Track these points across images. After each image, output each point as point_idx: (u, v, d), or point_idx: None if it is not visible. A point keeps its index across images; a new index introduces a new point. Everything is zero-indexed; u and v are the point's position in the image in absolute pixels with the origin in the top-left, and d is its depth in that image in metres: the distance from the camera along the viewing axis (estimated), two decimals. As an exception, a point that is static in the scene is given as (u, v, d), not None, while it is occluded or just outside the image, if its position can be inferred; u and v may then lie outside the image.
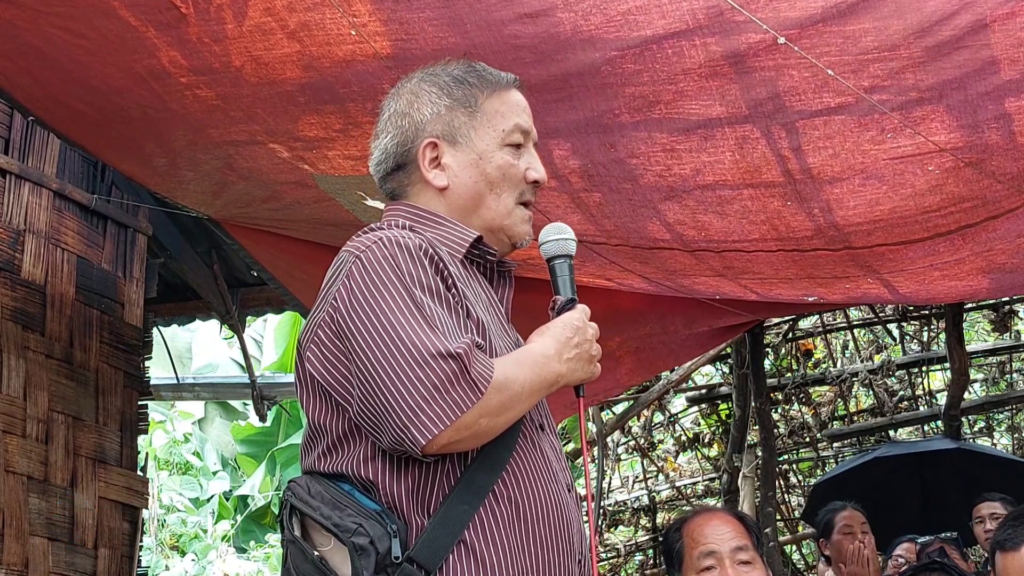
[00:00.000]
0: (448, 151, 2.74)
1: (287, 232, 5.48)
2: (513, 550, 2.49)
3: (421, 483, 2.46)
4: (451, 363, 2.35)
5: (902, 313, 9.90)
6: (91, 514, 6.00)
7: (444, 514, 2.44)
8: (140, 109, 4.28)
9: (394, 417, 2.35)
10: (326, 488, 2.50)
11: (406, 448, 2.37)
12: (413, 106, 2.77)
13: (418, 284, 2.47)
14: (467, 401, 2.36)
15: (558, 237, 2.80)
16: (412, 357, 2.36)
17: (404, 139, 2.76)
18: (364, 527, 2.40)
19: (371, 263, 2.49)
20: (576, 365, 2.65)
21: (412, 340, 2.37)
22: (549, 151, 4.09)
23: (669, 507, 11.92)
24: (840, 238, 4.49)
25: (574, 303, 2.73)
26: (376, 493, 2.47)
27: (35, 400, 5.74)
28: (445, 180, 2.74)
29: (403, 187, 2.79)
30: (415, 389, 2.34)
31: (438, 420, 2.34)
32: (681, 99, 3.74)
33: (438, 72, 2.81)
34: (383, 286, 2.45)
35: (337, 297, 2.50)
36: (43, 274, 5.91)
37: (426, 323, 2.40)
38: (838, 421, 10.78)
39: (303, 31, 3.67)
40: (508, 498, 2.51)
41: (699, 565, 3.62)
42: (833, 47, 3.48)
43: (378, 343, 2.39)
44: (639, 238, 4.67)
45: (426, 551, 2.42)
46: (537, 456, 2.60)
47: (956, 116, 3.70)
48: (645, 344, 6.73)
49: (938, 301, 7.36)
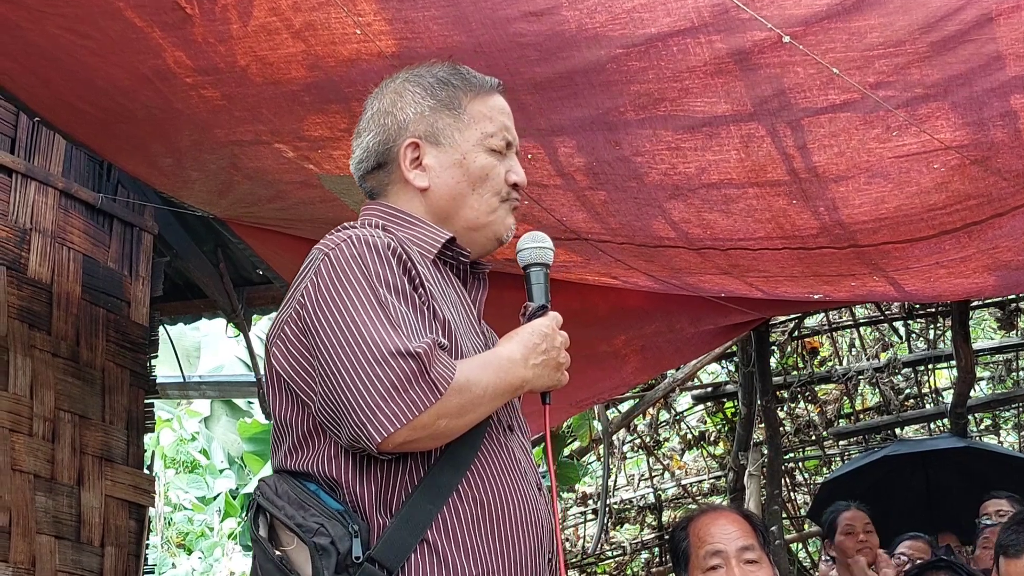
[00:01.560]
0: (430, 152, 2.75)
1: (293, 231, 5.49)
2: (478, 549, 2.49)
3: (384, 482, 2.47)
4: (410, 362, 2.36)
5: (908, 311, 9.89)
6: (98, 512, 6.01)
7: (406, 514, 2.45)
8: (145, 109, 4.29)
9: (351, 414, 2.36)
10: (292, 488, 2.51)
11: (363, 445, 2.37)
12: (396, 105, 2.78)
13: (383, 283, 2.47)
14: (425, 401, 2.36)
15: (536, 245, 2.81)
16: (371, 355, 2.36)
17: (386, 138, 2.77)
18: (325, 527, 2.41)
19: (338, 261, 2.50)
20: (542, 371, 2.64)
21: (372, 338, 2.38)
22: (554, 149, 4.10)
23: (675, 505, 11.93)
24: (846, 236, 4.49)
25: (545, 310, 2.73)
26: (340, 492, 2.48)
27: (42, 399, 5.75)
28: (426, 181, 2.74)
29: (383, 186, 2.80)
30: (372, 387, 2.35)
31: (394, 418, 2.34)
32: (686, 97, 3.74)
33: (422, 73, 2.82)
34: (348, 284, 2.46)
35: (304, 294, 2.52)
36: (49, 273, 5.92)
37: (388, 322, 2.41)
38: (844, 419, 10.77)
39: (308, 31, 3.68)
40: (472, 498, 2.51)
41: (705, 564, 3.62)
42: (838, 43, 3.48)
43: (339, 340, 2.40)
44: (644, 236, 4.67)
45: (388, 551, 2.42)
46: (504, 456, 2.60)
47: (961, 113, 3.70)
48: (651, 342, 6.73)
49: (944, 299, 7.34)
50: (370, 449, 2.37)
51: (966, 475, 8.23)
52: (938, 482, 8.55)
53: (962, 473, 8.29)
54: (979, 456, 8.42)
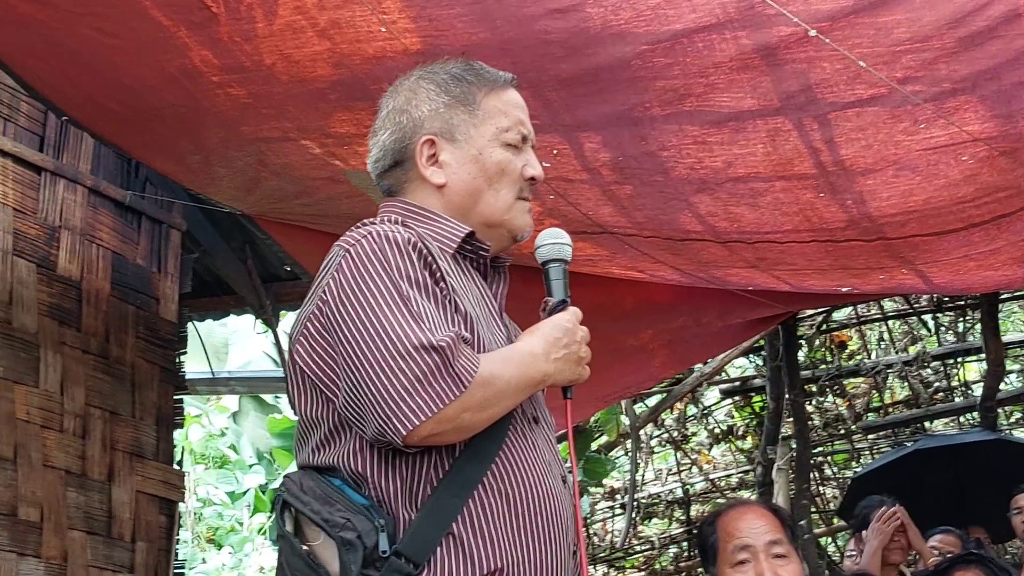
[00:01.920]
0: (446, 148, 2.74)
1: (320, 227, 5.50)
2: (503, 542, 2.49)
3: (409, 476, 2.47)
4: (434, 355, 2.36)
5: (937, 304, 9.84)
6: (128, 508, 6.04)
7: (432, 507, 2.46)
8: (173, 108, 4.31)
9: (376, 408, 2.37)
10: (318, 483, 2.51)
11: (388, 439, 2.38)
12: (411, 103, 2.77)
13: (405, 277, 2.48)
14: (449, 394, 2.37)
15: (554, 242, 2.80)
16: (395, 349, 2.37)
17: (402, 136, 2.76)
18: (352, 522, 2.41)
19: (359, 256, 2.50)
20: (563, 366, 2.64)
21: (396, 332, 2.38)
22: (580, 143, 4.10)
23: (703, 500, 11.91)
24: (874, 229, 4.48)
25: (565, 304, 2.72)
26: (365, 487, 2.49)
27: (72, 395, 5.78)
28: (443, 177, 2.74)
29: (400, 184, 2.80)
30: (397, 380, 2.36)
31: (419, 411, 2.35)
32: (712, 92, 3.73)
33: (436, 70, 2.82)
34: (370, 279, 2.46)
35: (326, 290, 2.52)
36: (79, 270, 5.95)
37: (411, 316, 2.41)
38: (873, 413, 10.73)
39: (333, 29, 3.69)
40: (498, 491, 2.51)
41: (733, 559, 3.61)
42: (865, 39, 3.47)
43: (363, 335, 2.41)
44: (671, 230, 4.67)
45: (414, 544, 2.43)
46: (529, 449, 2.60)
47: (990, 106, 3.69)
48: (678, 337, 6.72)
49: (973, 291, 7.31)
50: (395, 443, 2.38)
51: (997, 469, 8.17)
52: (968, 476, 8.51)
53: (992, 467, 8.24)
54: (1009, 449, 8.38)
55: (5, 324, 5.49)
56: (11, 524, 5.37)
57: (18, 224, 5.64)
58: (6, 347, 5.47)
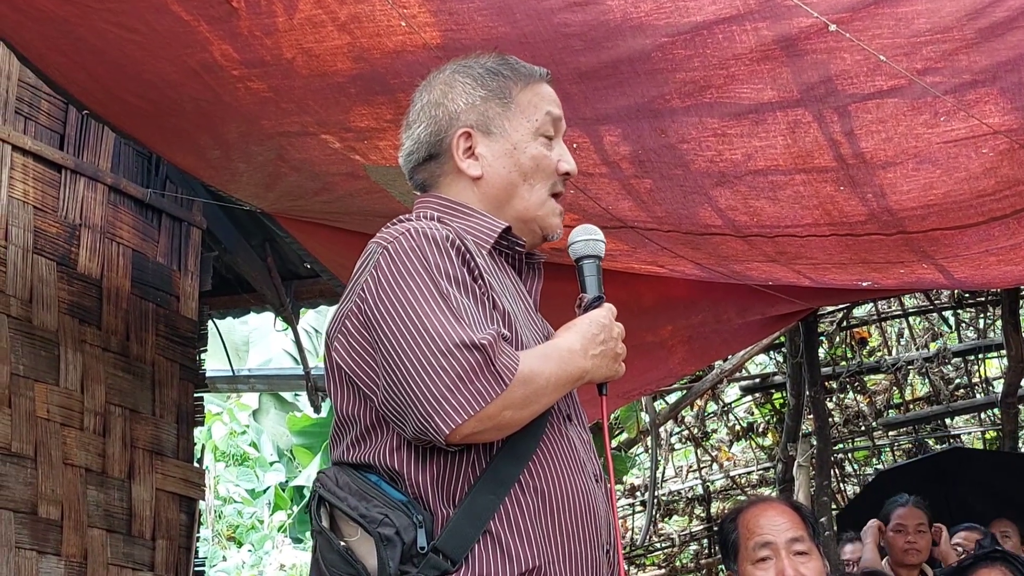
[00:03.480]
0: (482, 141, 2.74)
1: (339, 224, 5.51)
2: (539, 540, 2.49)
3: (446, 473, 2.47)
4: (476, 354, 2.36)
5: (958, 300, 9.82)
6: (149, 506, 6.05)
7: (470, 504, 2.45)
8: (193, 102, 4.32)
9: (417, 406, 2.36)
10: (353, 479, 2.51)
11: (429, 438, 2.38)
12: (447, 96, 2.77)
13: (444, 275, 2.47)
14: (491, 392, 2.37)
15: (588, 238, 2.81)
16: (437, 347, 2.36)
17: (438, 128, 2.76)
18: (390, 517, 2.42)
19: (398, 254, 2.50)
20: (601, 362, 2.64)
21: (437, 330, 2.38)
22: (599, 137, 4.09)
23: (723, 497, 11.91)
24: (894, 223, 4.46)
25: (601, 301, 2.73)
26: (402, 483, 2.48)
27: (92, 393, 5.80)
28: (479, 170, 2.74)
29: (435, 177, 2.79)
30: (439, 378, 2.35)
31: (461, 410, 2.35)
32: (732, 84, 3.72)
33: (471, 64, 2.82)
34: (410, 277, 2.46)
35: (365, 288, 2.52)
36: (99, 268, 5.96)
37: (452, 313, 2.41)
38: (894, 409, 10.72)
39: (353, 23, 3.69)
40: (535, 488, 2.51)
41: (755, 556, 3.61)
42: (885, 30, 3.46)
43: (403, 333, 2.40)
44: (690, 224, 4.66)
45: (452, 541, 2.43)
46: (564, 447, 2.60)
47: (1010, 98, 3.67)
48: (697, 333, 6.71)
49: (994, 286, 7.30)
50: (437, 441, 2.38)
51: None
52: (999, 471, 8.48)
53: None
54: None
55: (26, 322, 5.50)
56: (31, 522, 5.39)
57: (38, 222, 5.66)
58: (27, 345, 5.49)
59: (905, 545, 6.42)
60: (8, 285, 5.44)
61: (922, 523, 6.48)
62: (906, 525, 6.47)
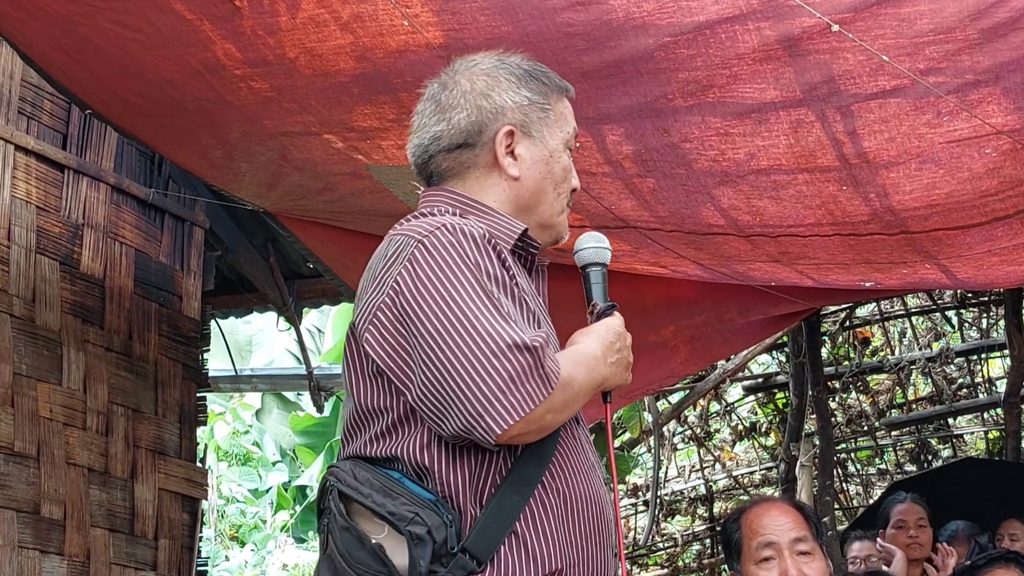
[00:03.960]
0: (523, 142, 2.74)
1: (341, 224, 5.51)
2: (561, 542, 2.50)
3: (475, 472, 2.47)
4: (528, 355, 2.36)
5: (960, 300, 9.80)
6: (151, 505, 6.06)
7: (496, 505, 2.45)
8: (196, 101, 4.32)
9: (467, 405, 2.35)
10: (374, 475, 2.50)
11: (475, 437, 2.37)
12: (494, 90, 2.75)
13: (485, 273, 2.47)
14: (540, 395, 2.37)
15: (597, 245, 2.83)
16: (488, 346, 2.36)
17: (481, 119, 2.73)
18: (421, 516, 2.40)
19: (436, 249, 2.48)
20: (616, 370, 2.66)
21: (487, 329, 2.37)
22: (602, 136, 4.09)
23: (726, 496, 11.88)
24: (897, 223, 4.46)
25: (614, 309, 2.73)
26: (430, 481, 2.47)
27: (95, 393, 5.80)
28: (518, 170, 2.73)
29: (462, 167, 2.76)
30: (490, 378, 2.35)
31: (513, 411, 2.35)
32: (735, 83, 3.72)
33: (510, 62, 2.81)
34: (452, 274, 2.44)
35: (400, 281, 2.49)
36: (102, 268, 5.97)
37: (499, 313, 2.41)
38: (896, 409, 10.70)
39: (356, 22, 3.69)
40: (556, 490, 2.53)
41: (758, 556, 3.61)
42: (888, 30, 3.46)
43: (450, 330, 2.39)
44: (693, 223, 4.66)
45: (480, 542, 2.43)
46: (578, 449, 2.62)
47: (1013, 98, 3.67)
48: (700, 333, 6.70)
49: (997, 286, 7.29)
50: (484, 441, 2.37)
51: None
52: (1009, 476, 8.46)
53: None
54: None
55: (28, 322, 5.51)
56: (34, 522, 5.40)
57: (41, 222, 5.66)
58: (29, 345, 5.50)
59: (907, 540, 6.42)
60: (11, 285, 5.44)
61: (922, 518, 6.48)
62: (907, 520, 6.47)
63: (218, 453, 18.72)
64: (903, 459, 11.33)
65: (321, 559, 2.59)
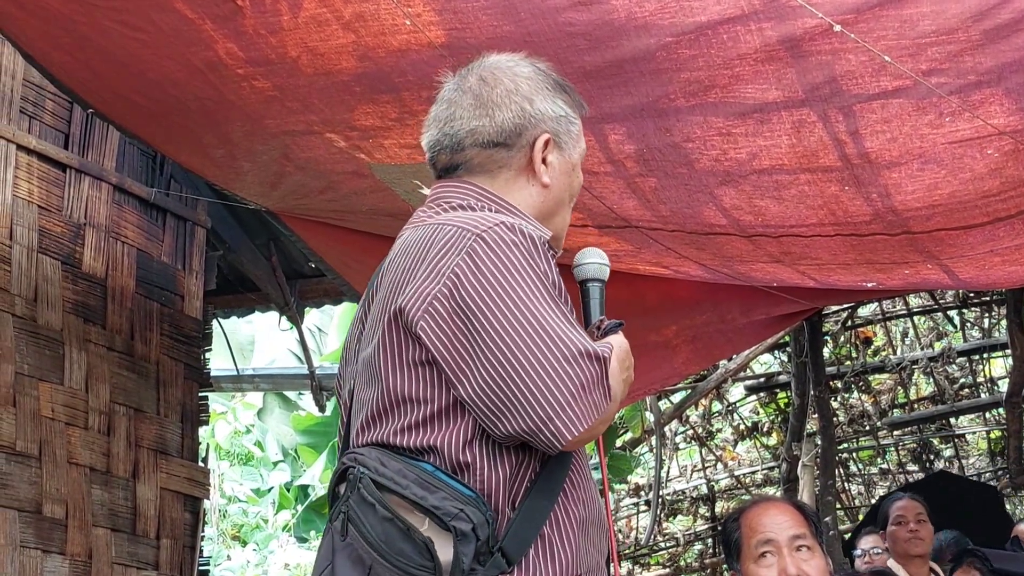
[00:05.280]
0: (554, 152, 2.73)
1: (344, 223, 5.51)
2: (579, 547, 2.51)
3: (511, 473, 2.45)
4: (596, 365, 2.37)
5: (962, 300, 9.81)
6: (153, 505, 6.06)
7: (529, 507, 2.45)
8: (198, 101, 4.32)
9: (536, 407, 2.34)
10: (407, 466, 2.44)
11: (539, 440, 2.36)
12: (536, 95, 2.73)
13: (546, 276, 2.47)
14: (603, 404, 2.39)
15: (599, 262, 2.82)
16: (560, 351, 2.35)
17: (524, 122, 2.70)
18: (466, 512, 2.37)
19: (499, 245, 2.46)
20: (624, 387, 2.63)
21: (559, 334, 2.37)
22: (604, 136, 4.09)
23: (728, 496, 11.89)
24: (899, 223, 4.46)
25: (622, 326, 2.73)
26: (468, 477, 2.43)
27: (97, 392, 5.81)
28: (548, 178, 2.72)
29: (493, 164, 2.72)
30: (563, 384, 2.34)
31: (583, 418, 2.35)
32: (737, 83, 3.72)
33: (544, 70, 2.79)
34: (518, 273, 2.43)
35: (460, 273, 2.44)
36: (104, 267, 5.97)
37: (566, 319, 2.41)
38: (898, 409, 10.71)
39: (358, 22, 3.70)
40: (578, 497, 2.54)
41: (756, 553, 3.61)
42: (890, 31, 3.46)
43: (519, 331, 2.37)
44: (695, 223, 4.66)
45: (514, 543, 2.42)
46: (583, 458, 2.63)
47: (1015, 99, 3.67)
48: (702, 333, 6.70)
49: (999, 286, 7.28)
50: (550, 445, 2.36)
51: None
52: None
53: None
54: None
55: (30, 321, 5.51)
56: (36, 521, 5.40)
57: (43, 221, 5.67)
58: (31, 344, 5.50)
59: (907, 535, 6.39)
60: (13, 284, 5.44)
61: (921, 513, 6.45)
62: (906, 516, 6.44)
63: (220, 453, 18.73)
64: (905, 459, 11.34)
65: (336, 547, 2.49)
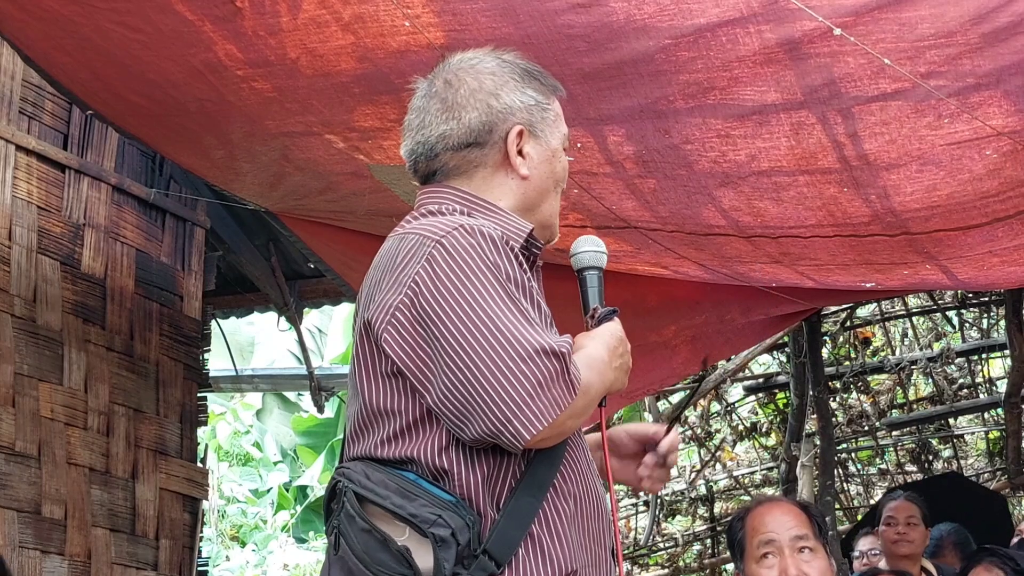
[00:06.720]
0: (530, 142, 2.71)
1: (343, 224, 5.51)
2: (573, 543, 2.49)
3: (492, 474, 2.44)
4: (555, 361, 2.35)
5: (961, 300, 9.80)
6: (152, 505, 6.07)
7: (513, 507, 2.44)
8: (197, 102, 4.33)
9: (493, 410, 2.33)
10: (389, 476, 2.45)
11: (502, 441, 2.35)
12: (502, 89, 2.72)
13: (506, 276, 2.44)
14: (565, 400, 2.36)
15: (595, 249, 2.80)
16: (515, 351, 2.34)
17: (492, 119, 2.69)
18: (443, 518, 2.37)
19: (456, 250, 2.45)
20: (619, 375, 2.63)
21: (513, 334, 2.35)
22: (603, 137, 4.10)
23: (727, 497, 11.88)
24: (898, 224, 4.47)
25: (616, 313, 2.72)
26: (448, 483, 2.44)
27: (96, 392, 5.81)
28: (527, 169, 2.71)
29: (468, 166, 2.72)
30: (519, 383, 2.32)
31: (542, 417, 2.33)
32: (736, 85, 3.73)
33: (510, 61, 2.77)
34: (473, 276, 2.41)
35: (419, 282, 2.44)
36: (103, 268, 5.98)
37: (524, 317, 2.39)
38: (897, 409, 10.70)
39: (357, 23, 3.70)
40: (568, 493, 2.52)
41: (758, 553, 3.61)
42: (889, 34, 3.46)
43: (475, 334, 2.36)
44: (694, 224, 4.67)
45: (500, 544, 2.41)
46: (580, 451, 2.61)
47: (1014, 100, 3.67)
48: (701, 333, 6.71)
49: (998, 287, 7.29)
50: (511, 445, 2.35)
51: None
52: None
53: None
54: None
55: (30, 322, 5.52)
56: (35, 522, 5.40)
57: (43, 222, 5.67)
58: (31, 345, 5.50)
59: (895, 536, 6.37)
60: (12, 285, 5.45)
61: (913, 516, 6.43)
62: (896, 517, 6.43)
63: (219, 453, 18.74)
64: (904, 459, 11.33)
65: (332, 561, 2.53)
